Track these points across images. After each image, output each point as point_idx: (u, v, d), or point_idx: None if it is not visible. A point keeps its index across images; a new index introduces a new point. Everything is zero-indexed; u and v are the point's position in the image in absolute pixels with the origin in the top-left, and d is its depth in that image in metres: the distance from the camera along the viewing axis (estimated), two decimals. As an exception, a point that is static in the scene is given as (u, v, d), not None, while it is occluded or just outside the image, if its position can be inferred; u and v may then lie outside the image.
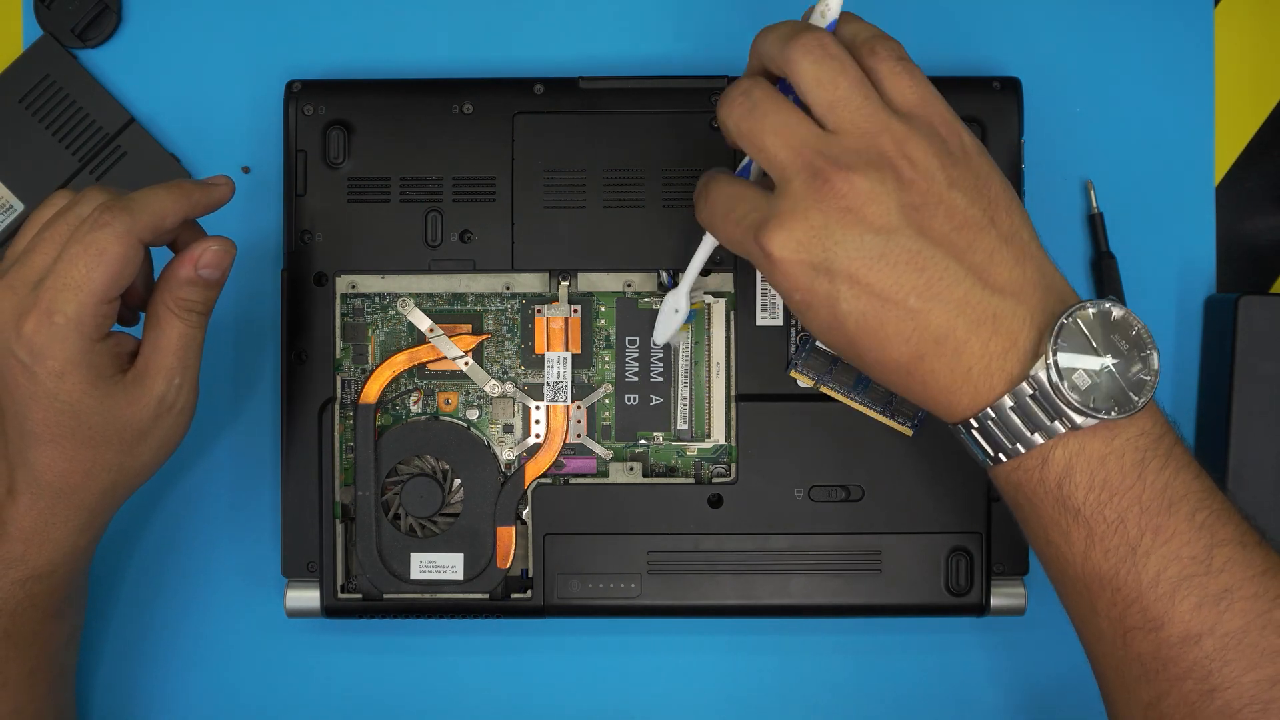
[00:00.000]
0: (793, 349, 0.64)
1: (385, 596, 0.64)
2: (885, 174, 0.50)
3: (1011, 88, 0.64)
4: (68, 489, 0.56)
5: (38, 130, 0.67)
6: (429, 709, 0.67)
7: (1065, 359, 0.50)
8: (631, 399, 0.65)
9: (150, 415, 0.56)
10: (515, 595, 0.64)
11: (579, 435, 0.65)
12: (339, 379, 0.64)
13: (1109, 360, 0.50)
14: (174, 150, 0.67)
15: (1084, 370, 0.50)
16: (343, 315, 0.65)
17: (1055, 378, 0.49)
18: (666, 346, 0.64)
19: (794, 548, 0.63)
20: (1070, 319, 0.50)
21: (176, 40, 0.68)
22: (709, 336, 0.65)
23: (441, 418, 0.65)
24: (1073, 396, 0.49)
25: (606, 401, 0.65)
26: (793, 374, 0.64)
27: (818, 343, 0.63)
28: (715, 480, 0.64)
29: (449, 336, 0.64)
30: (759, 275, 0.64)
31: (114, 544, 0.66)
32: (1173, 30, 0.67)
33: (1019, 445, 0.51)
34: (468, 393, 0.65)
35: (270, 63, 0.67)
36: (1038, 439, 0.50)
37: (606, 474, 0.64)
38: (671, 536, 0.63)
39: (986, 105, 0.64)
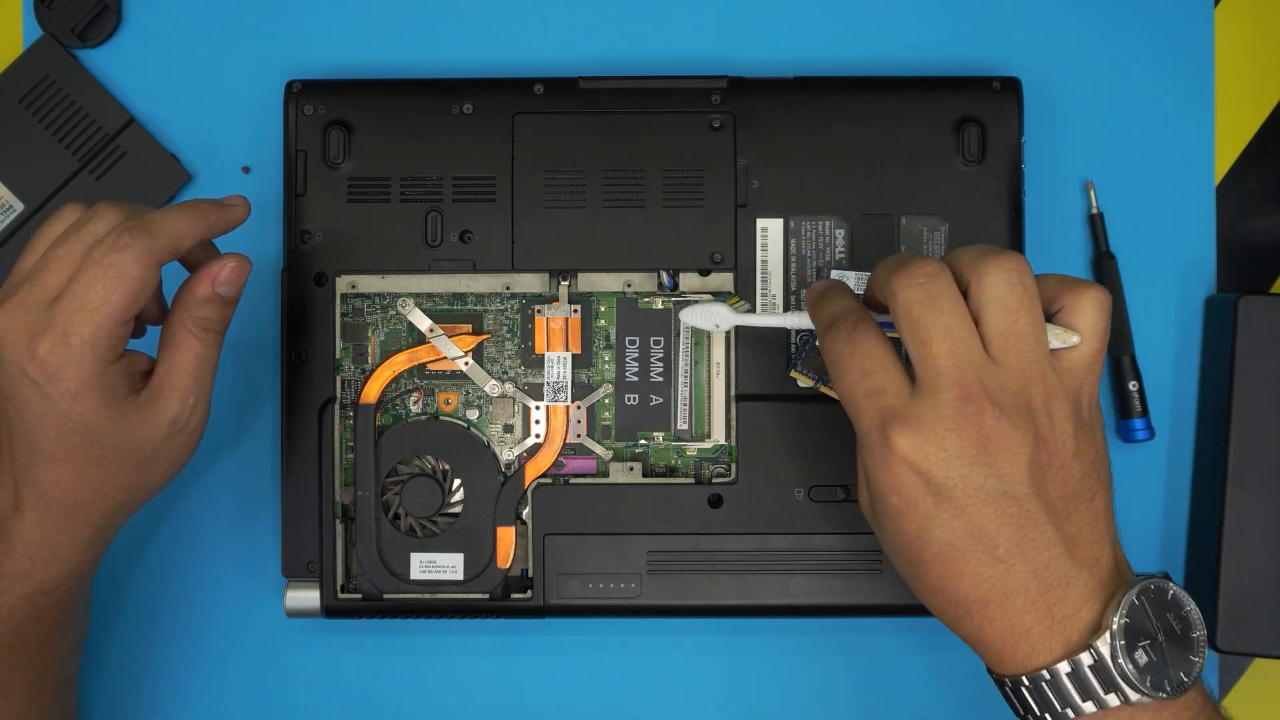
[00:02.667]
0: (793, 349, 0.64)
1: (385, 596, 0.64)
2: (1027, 425, 0.50)
3: (1011, 88, 0.64)
4: (76, 506, 0.56)
5: (38, 130, 0.67)
6: (429, 709, 0.67)
7: (1127, 635, 0.50)
8: (631, 399, 0.65)
9: (163, 435, 0.56)
10: (515, 595, 0.64)
11: (579, 435, 0.65)
12: (339, 379, 0.64)
13: (1163, 639, 0.51)
14: (174, 150, 0.67)
15: (1143, 648, 0.50)
16: (343, 315, 0.65)
17: (1118, 654, 0.50)
18: (668, 334, 0.64)
19: (794, 548, 0.63)
20: (1137, 598, 0.50)
21: (176, 40, 0.68)
22: (709, 337, 0.65)
23: (441, 418, 0.65)
24: (1131, 673, 0.50)
25: (606, 401, 0.65)
26: (793, 374, 0.64)
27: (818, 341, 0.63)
28: (715, 480, 0.64)
29: (449, 336, 0.64)
30: (759, 275, 0.64)
31: (115, 545, 0.66)
32: (1173, 30, 0.67)
33: (1069, 711, 0.51)
34: (468, 393, 0.65)
35: (270, 63, 0.67)
36: (1089, 708, 0.50)
37: (606, 474, 0.64)
38: (671, 536, 0.63)
39: (986, 105, 0.64)
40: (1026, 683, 0.51)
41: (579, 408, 0.65)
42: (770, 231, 0.64)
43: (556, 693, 0.67)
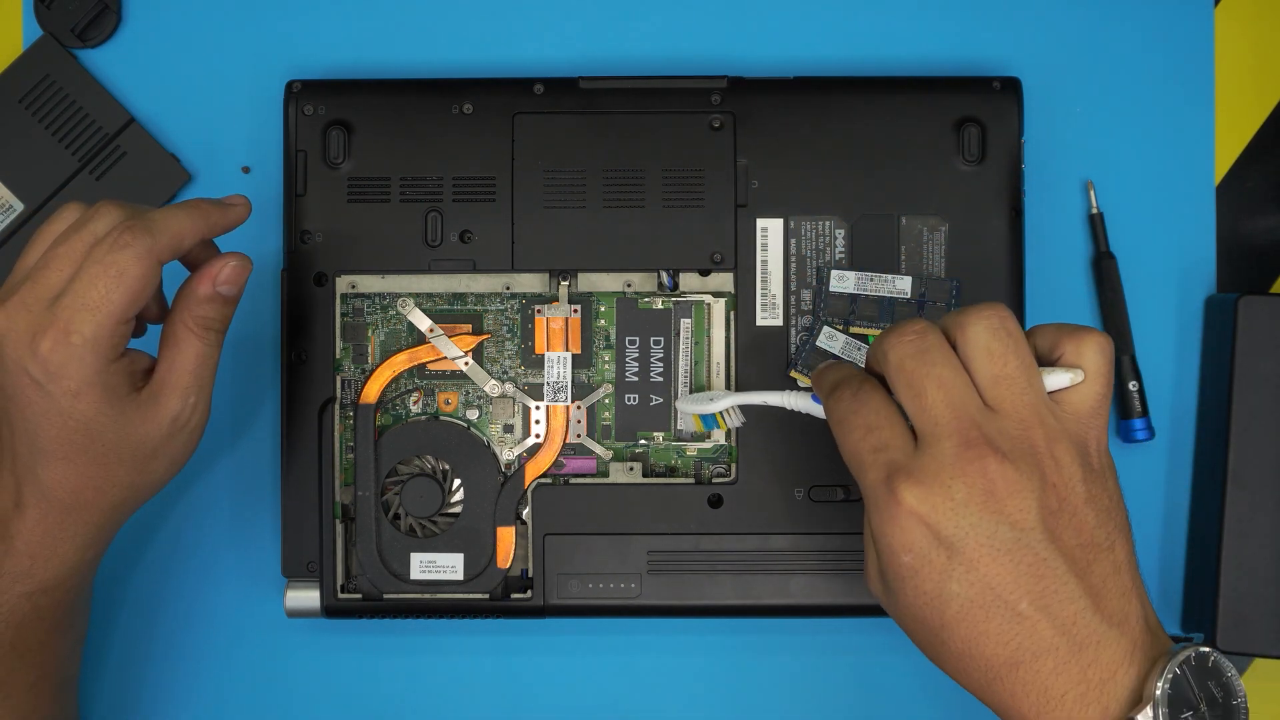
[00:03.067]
0: (793, 349, 0.64)
1: (385, 596, 0.64)
2: (1033, 469, 0.49)
3: (1011, 88, 0.64)
4: (78, 505, 0.56)
5: (38, 130, 0.67)
6: (429, 709, 0.67)
7: (1170, 705, 0.48)
8: (631, 399, 0.65)
9: (164, 433, 0.56)
10: (515, 595, 0.64)
11: (579, 435, 0.65)
12: (339, 379, 0.64)
13: (1205, 709, 0.49)
14: (174, 150, 0.67)
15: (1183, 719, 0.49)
16: (343, 315, 0.65)
17: None
18: (668, 334, 0.64)
19: (794, 548, 0.63)
20: (1179, 666, 0.49)
21: (176, 40, 0.68)
22: (709, 336, 0.65)
23: (441, 418, 0.65)
24: None
25: (606, 401, 0.65)
26: (793, 374, 0.64)
27: (819, 342, 0.63)
28: (715, 480, 0.64)
29: (449, 336, 0.64)
30: (759, 275, 0.64)
31: (114, 545, 0.66)
32: (1173, 30, 0.67)
33: None
34: (468, 393, 0.65)
35: (270, 63, 0.67)
36: None
37: (606, 474, 0.64)
38: (671, 536, 0.63)
39: (986, 105, 0.64)
40: None
41: (579, 408, 0.65)
42: (770, 231, 0.64)
43: (556, 693, 0.67)
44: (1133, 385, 0.66)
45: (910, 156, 0.64)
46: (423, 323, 0.65)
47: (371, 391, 0.64)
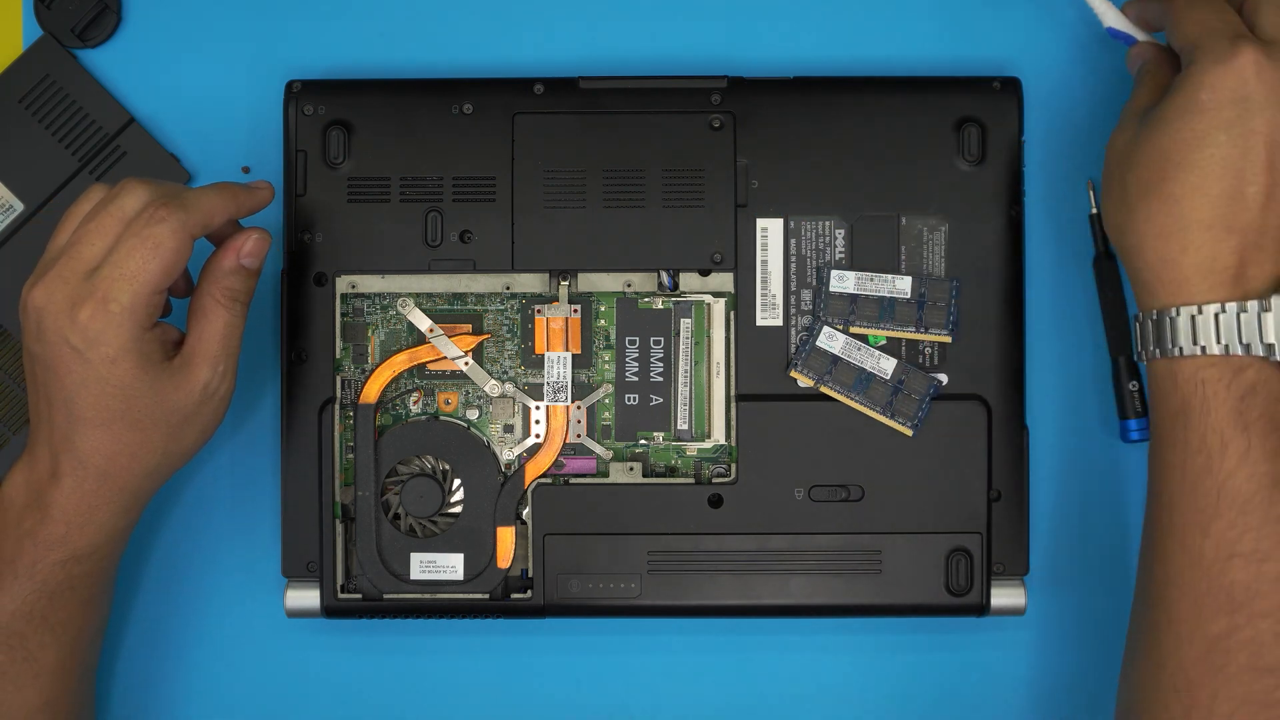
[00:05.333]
0: (793, 349, 0.64)
1: (385, 596, 0.64)
2: None
3: (1011, 88, 0.64)
4: (113, 471, 0.58)
5: (38, 130, 0.67)
6: (429, 709, 0.67)
7: None
8: (631, 399, 0.65)
9: (196, 400, 0.59)
10: (515, 595, 0.64)
11: (579, 435, 0.65)
12: (339, 379, 0.64)
13: None
14: (174, 150, 0.67)
15: None
16: (343, 315, 0.65)
17: None
18: (668, 334, 0.64)
19: (794, 548, 0.63)
20: None
21: (176, 40, 0.68)
22: (709, 336, 0.65)
23: (441, 418, 0.65)
24: None
25: (606, 401, 0.65)
26: (793, 374, 0.64)
27: (819, 342, 0.63)
28: (715, 480, 0.64)
29: (449, 336, 0.64)
30: (759, 275, 0.64)
31: (114, 544, 0.66)
32: (1173, 30, 0.67)
33: (1230, 348, 0.55)
34: (468, 393, 0.65)
35: (270, 63, 0.67)
36: (1256, 351, 0.55)
37: (606, 474, 0.64)
38: (671, 536, 0.63)
39: (986, 105, 0.64)
40: (1196, 311, 0.55)
41: (579, 408, 0.65)
42: (770, 231, 0.64)
43: (556, 693, 0.67)
44: (1133, 385, 0.65)
45: (910, 156, 0.64)
46: (423, 323, 0.65)
47: (371, 391, 0.64)
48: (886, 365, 0.63)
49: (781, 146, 0.64)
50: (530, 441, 0.65)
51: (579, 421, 0.65)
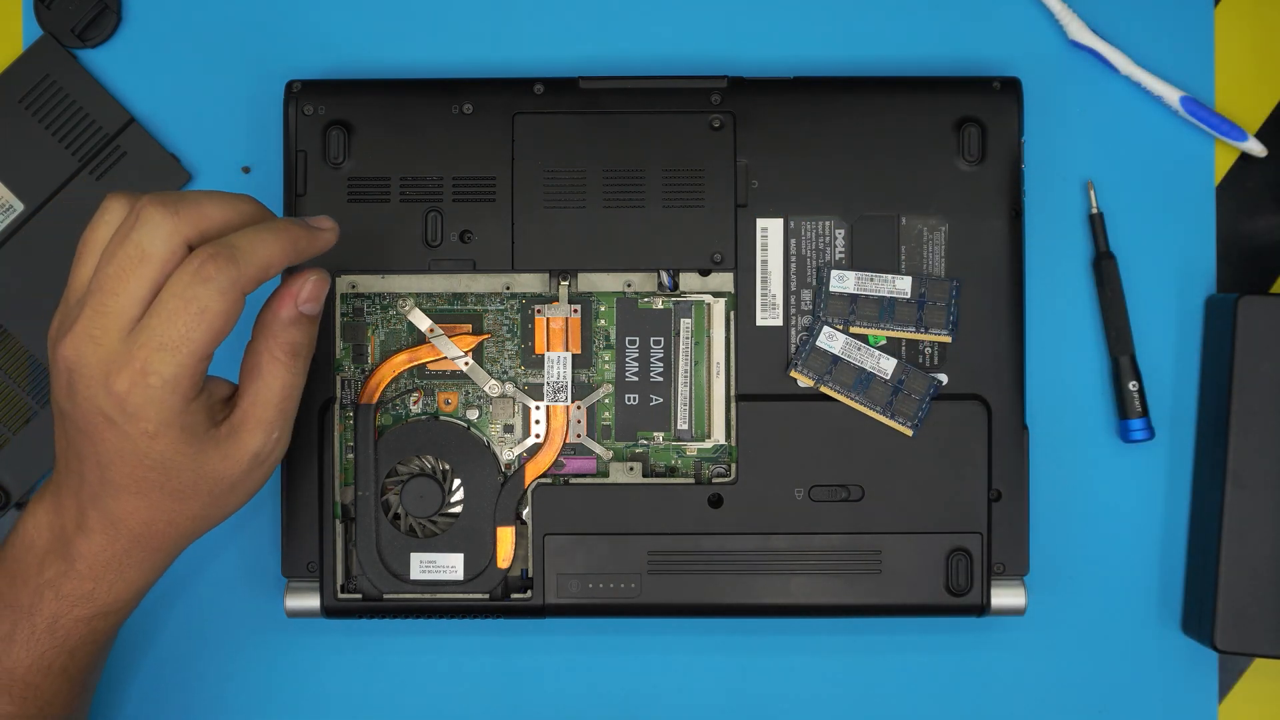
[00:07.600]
0: (793, 349, 0.64)
1: (385, 596, 0.64)
2: None
3: (1011, 88, 0.64)
4: (149, 534, 0.54)
5: (38, 130, 0.67)
6: (429, 709, 0.67)
7: None
8: (631, 399, 0.65)
9: (244, 470, 0.54)
10: (515, 595, 0.64)
11: (579, 435, 0.65)
12: (339, 379, 0.64)
13: None
14: (174, 150, 0.67)
15: None
16: (343, 315, 0.65)
17: None
18: (668, 334, 0.64)
19: (794, 548, 0.63)
20: None
21: (176, 40, 0.68)
22: (709, 336, 0.65)
23: (441, 418, 0.65)
24: None
25: (606, 401, 0.65)
26: (793, 374, 0.64)
27: (819, 342, 0.63)
28: (715, 480, 0.64)
29: (449, 336, 0.64)
30: (759, 275, 0.64)
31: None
32: (1173, 30, 0.67)
33: None
34: (468, 393, 0.65)
35: (270, 63, 0.67)
36: None
37: (606, 474, 0.64)
38: (671, 536, 0.63)
39: (986, 105, 0.64)
40: None
41: (579, 408, 0.65)
42: (770, 231, 0.64)
43: (556, 692, 0.67)
44: (1132, 385, 0.66)
45: (910, 156, 0.64)
46: (423, 323, 0.65)
47: (371, 391, 0.64)
48: (886, 365, 0.63)
49: (781, 146, 0.64)
50: (530, 441, 0.65)
51: (579, 421, 0.65)
